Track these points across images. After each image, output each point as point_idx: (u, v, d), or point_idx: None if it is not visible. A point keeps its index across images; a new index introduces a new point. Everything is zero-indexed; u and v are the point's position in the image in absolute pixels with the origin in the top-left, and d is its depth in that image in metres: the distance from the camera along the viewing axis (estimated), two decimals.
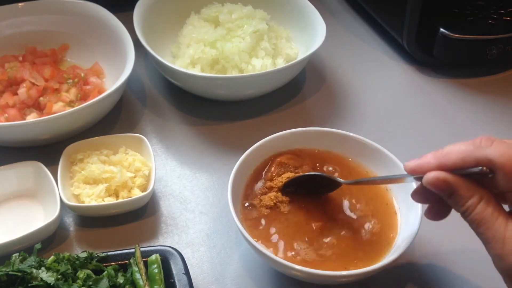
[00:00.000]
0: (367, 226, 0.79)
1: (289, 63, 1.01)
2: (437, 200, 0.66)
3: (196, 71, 1.03)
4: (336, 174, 0.85)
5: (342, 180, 0.79)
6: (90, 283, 0.70)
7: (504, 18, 1.13)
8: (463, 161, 0.60)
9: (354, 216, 0.80)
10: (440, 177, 0.60)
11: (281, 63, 1.07)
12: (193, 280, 0.73)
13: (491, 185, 0.60)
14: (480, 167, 0.59)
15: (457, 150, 0.61)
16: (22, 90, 0.99)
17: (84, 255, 0.73)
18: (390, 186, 0.83)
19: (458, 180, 0.60)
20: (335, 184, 0.79)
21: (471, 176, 0.60)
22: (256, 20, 1.10)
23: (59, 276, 0.69)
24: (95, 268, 0.73)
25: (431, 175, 0.61)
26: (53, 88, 1.02)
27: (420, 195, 0.68)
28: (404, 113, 1.09)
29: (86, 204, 0.84)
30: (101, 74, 1.09)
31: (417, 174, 0.64)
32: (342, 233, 0.78)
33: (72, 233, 0.85)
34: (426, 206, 0.75)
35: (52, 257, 0.72)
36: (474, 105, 1.10)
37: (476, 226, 0.60)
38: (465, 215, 0.61)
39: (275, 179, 0.83)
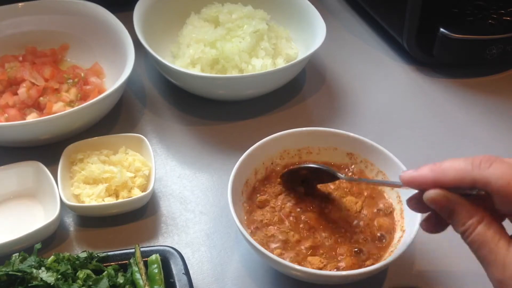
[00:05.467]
0: (366, 225, 0.79)
1: (289, 63, 1.01)
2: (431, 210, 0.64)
3: (196, 71, 1.03)
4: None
5: (341, 176, 0.78)
6: (90, 283, 0.70)
7: (504, 18, 1.13)
8: (460, 180, 0.58)
9: (355, 219, 0.81)
10: (440, 194, 0.59)
11: (281, 63, 1.07)
12: (193, 280, 0.73)
13: (492, 207, 0.58)
14: (476, 190, 0.57)
15: (455, 167, 0.58)
16: (22, 90, 0.99)
17: (84, 255, 0.73)
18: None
19: (459, 199, 0.59)
20: (333, 178, 0.79)
21: (469, 196, 0.59)
22: (256, 20, 1.10)
23: (59, 276, 0.69)
24: (95, 268, 0.73)
25: (431, 192, 0.59)
26: (53, 88, 1.02)
27: (415, 203, 0.65)
28: (404, 113, 1.09)
29: (86, 204, 0.84)
30: (101, 74, 1.09)
31: (413, 187, 0.62)
32: (342, 232, 0.78)
33: (72, 233, 0.85)
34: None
35: (52, 257, 0.72)
36: (474, 105, 1.10)
37: (476, 248, 0.57)
38: (464, 236, 0.59)
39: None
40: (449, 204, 0.59)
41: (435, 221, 0.65)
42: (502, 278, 0.55)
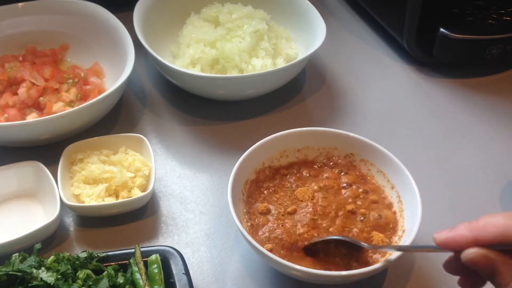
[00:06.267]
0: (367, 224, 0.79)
1: (289, 63, 1.01)
2: (472, 271, 0.59)
3: (196, 71, 1.03)
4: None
5: (365, 245, 0.74)
6: (90, 283, 0.70)
7: (504, 18, 1.13)
8: (502, 236, 0.54)
9: (358, 219, 0.81)
10: (481, 254, 0.55)
11: (281, 63, 1.07)
12: (193, 280, 0.73)
13: None
14: None
15: (494, 223, 0.55)
16: (22, 90, 0.99)
17: (84, 255, 0.73)
18: (390, 186, 0.83)
19: (502, 257, 0.54)
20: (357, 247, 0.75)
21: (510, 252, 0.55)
22: (256, 20, 1.10)
23: (59, 276, 0.69)
24: (95, 268, 0.73)
25: (471, 252, 0.55)
26: (53, 88, 1.02)
27: (453, 266, 0.61)
28: (404, 113, 1.09)
29: (86, 204, 0.84)
30: (101, 74, 1.09)
31: (450, 248, 0.58)
32: (342, 234, 0.78)
33: (72, 233, 0.85)
34: (425, 206, 0.76)
35: (52, 257, 0.72)
36: (474, 105, 1.10)
37: None
38: None
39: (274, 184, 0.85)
40: (491, 263, 0.55)
41: (473, 280, 0.61)
42: None
